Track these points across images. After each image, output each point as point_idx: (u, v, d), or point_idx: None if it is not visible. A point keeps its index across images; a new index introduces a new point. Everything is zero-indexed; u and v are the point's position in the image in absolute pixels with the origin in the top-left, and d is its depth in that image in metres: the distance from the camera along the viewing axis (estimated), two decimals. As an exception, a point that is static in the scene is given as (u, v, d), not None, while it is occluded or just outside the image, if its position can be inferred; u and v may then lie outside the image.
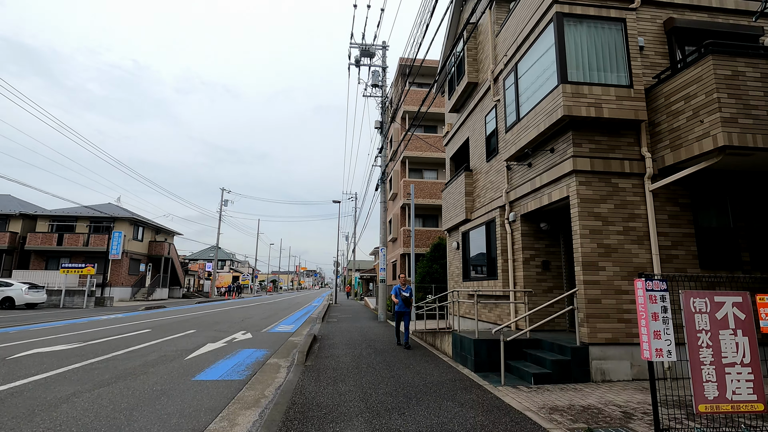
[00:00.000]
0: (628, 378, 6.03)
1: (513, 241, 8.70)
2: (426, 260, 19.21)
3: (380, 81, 18.27)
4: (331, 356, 8.15)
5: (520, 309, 8.31)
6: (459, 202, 11.94)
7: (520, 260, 8.37)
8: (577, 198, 6.44)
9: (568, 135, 6.72)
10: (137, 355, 8.07)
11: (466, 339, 7.20)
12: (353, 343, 10.09)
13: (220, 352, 8.53)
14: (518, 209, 8.54)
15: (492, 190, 10.00)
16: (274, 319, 17.21)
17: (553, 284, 8.25)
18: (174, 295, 39.19)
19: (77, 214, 32.44)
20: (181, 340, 10.26)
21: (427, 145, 23.46)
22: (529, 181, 7.96)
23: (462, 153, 13.26)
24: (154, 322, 14.62)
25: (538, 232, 8.43)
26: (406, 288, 9.45)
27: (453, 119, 13.94)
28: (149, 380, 6.02)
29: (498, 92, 9.77)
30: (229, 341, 10.16)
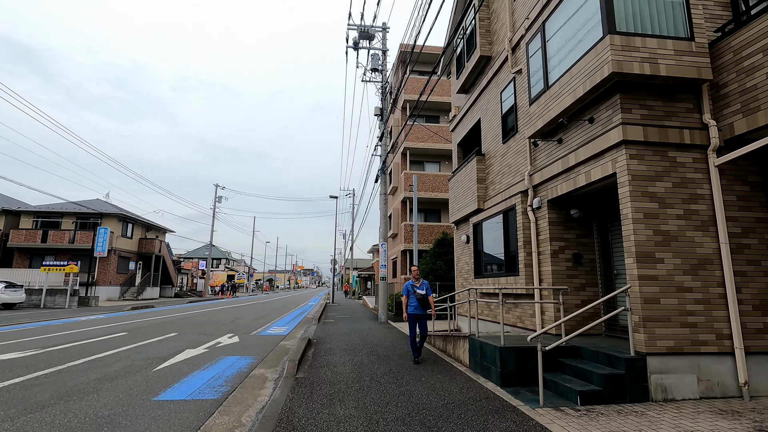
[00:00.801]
0: (694, 396, 4.87)
1: (538, 231, 7.52)
2: (429, 257, 18.05)
3: (380, 65, 17.06)
4: (327, 365, 6.97)
5: (547, 309, 7.14)
6: (470, 191, 10.76)
7: (546, 253, 7.20)
8: (628, 174, 5.27)
9: (614, 99, 5.54)
10: (98, 365, 6.85)
11: (488, 346, 6.02)
12: (353, 348, 8.90)
13: (197, 361, 7.32)
14: (544, 194, 7.37)
15: (510, 175, 8.82)
16: (266, 320, 16.01)
17: (586, 280, 7.08)
18: (165, 294, 37.89)
19: (63, 210, 31.12)
20: (157, 345, 9.04)
21: (428, 135, 22.27)
22: (559, 160, 6.79)
23: (472, 137, 12.08)
24: (135, 324, 13.38)
25: (567, 220, 7.26)
26: (420, 284, 7.44)
27: (461, 101, 12.75)
28: (98, 401, 4.81)
29: (518, 62, 8.58)
30: (211, 347, 8.95)
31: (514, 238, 8.14)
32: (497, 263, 9.05)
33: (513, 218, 8.22)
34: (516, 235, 8.00)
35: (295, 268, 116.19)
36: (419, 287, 7.40)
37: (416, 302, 7.33)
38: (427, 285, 7.50)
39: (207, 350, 8.49)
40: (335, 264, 43.67)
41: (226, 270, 66.36)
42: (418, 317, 7.40)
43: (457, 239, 12.40)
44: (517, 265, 7.91)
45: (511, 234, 8.34)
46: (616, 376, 4.79)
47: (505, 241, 8.52)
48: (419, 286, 7.41)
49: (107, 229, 27.11)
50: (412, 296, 7.38)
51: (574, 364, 5.40)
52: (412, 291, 7.39)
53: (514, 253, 8.07)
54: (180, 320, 15.05)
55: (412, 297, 7.39)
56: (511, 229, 8.34)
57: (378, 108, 17.06)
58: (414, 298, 7.35)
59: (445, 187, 21.61)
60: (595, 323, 5.15)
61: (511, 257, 8.23)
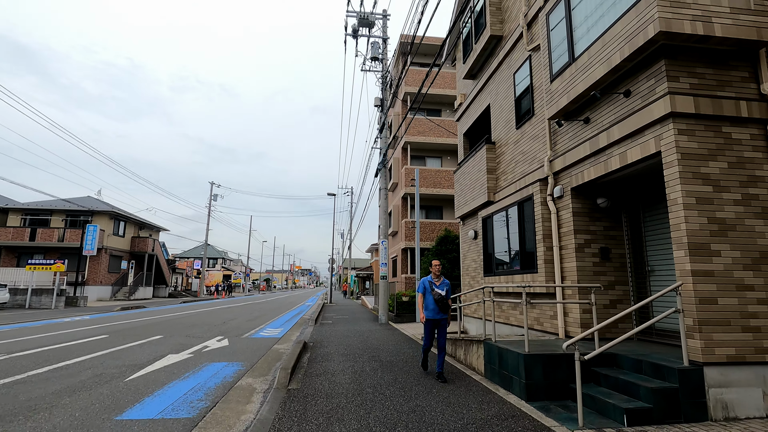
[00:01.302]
0: (760, 413, 4.10)
1: (560, 223, 6.75)
2: (431, 255, 17.26)
3: (380, 53, 16.26)
4: (324, 373, 6.17)
5: (570, 310, 6.36)
6: (478, 182, 9.98)
7: (570, 247, 6.42)
8: (677, 153, 4.49)
9: (658, 66, 4.77)
10: (63, 374, 6.03)
11: (509, 353, 5.24)
12: (352, 352, 8.11)
13: (178, 369, 6.51)
14: (567, 181, 6.59)
15: (525, 162, 8.05)
16: (260, 321, 15.19)
17: (615, 278, 6.31)
18: (159, 294, 36.96)
19: (52, 207, 30.16)
20: (138, 350, 8.22)
21: (430, 129, 21.49)
22: (586, 142, 6.01)
23: (479, 126, 11.30)
24: (119, 326, 12.55)
25: (593, 210, 6.49)
26: (440, 283, 6.04)
27: (467, 88, 11.97)
28: (48, 422, 4.00)
29: (534, 39, 7.80)
30: (197, 351, 8.14)
31: (531, 231, 7.37)
32: (510, 260, 8.27)
33: (530, 209, 7.44)
34: (533, 228, 7.23)
35: (293, 268, 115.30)
36: (439, 286, 6.01)
37: (434, 303, 5.94)
38: (448, 285, 6.09)
39: (191, 355, 7.68)
40: (333, 263, 42.86)
41: (223, 270, 65.40)
42: (437, 323, 6.01)
43: (464, 235, 11.62)
44: (534, 261, 7.14)
45: (527, 227, 7.56)
46: (668, 391, 4.01)
47: (520, 235, 7.74)
48: (439, 285, 6.02)
49: (97, 226, 26.21)
50: (429, 295, 6.00)
51: (613, 374, 4.62)
52: (430, 289, 6.01)
53: (531, 248, 7.29)
54: (169, 321, 14.21)
55: (429, 297, 6.00)
56: (527, 222, 7.56)
57: (378, 99, 16.27)
58: (431, 298, 5.97)
59: (448, 182, 20.85)
60: (643, 326, 4.34)
61: (528, 253, 7.45)
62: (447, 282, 6.13)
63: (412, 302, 15.48)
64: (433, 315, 5.98)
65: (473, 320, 10.33)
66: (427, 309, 6.00)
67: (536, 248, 7.10)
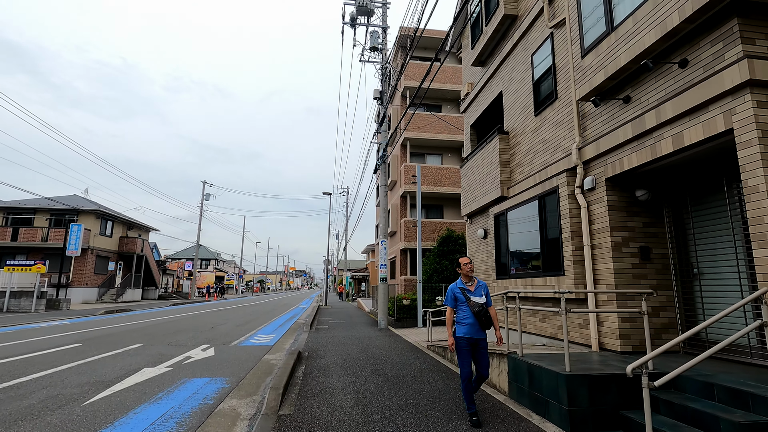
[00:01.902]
0: None
1: (591, 219, 5.92)
2: (433, 256, 16.44)
3: (380, 43, 15.42)
4: (321, 392, 5.29)
5: (606, 319, 5.53)
6: (490, 176, 9.15)
7: (605, 246, 5.59)
8: (757, 130, 3.67)
9: (728, 27, 3.96)
10: (11, 395, 5.08)
11: (544, 372, 4.38)
12: (352, 364, 7.23)
13: (152, 387, 5.59)
14: (601, 170, 5.77)
15: (546, 152, 7.23)
16: (252, 325, 14.25)
17: (657, 282, 5.49)
18: (149, 296, 35.80)
19: (36, 206, 28.98)
20: (110, 362, 7.28)
21: (430, 125, 20.66)
22: (627, 124, 5.18)
23: (488, 116, 10.48)
24: (97, 332, 11.56)
25: (631, 204, 5.67)
26: (476, 287, 4.37)
27: (475, 77, 11.16)
28: (-35, 470, 3.09)
29: (558, 13, 6.98)
30: (177, 363, 7.21)
31: (555, 229, 6.53)
32: (529, 261, 7.44)
33: (553, 204, 6.61)
34: (559, 225, 6.39)
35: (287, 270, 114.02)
36: (475, 291, 4.31)
37: (472, 317, 4.21)
38: (486, 288, 4.42)
39: (170, 369, 6.76)
40: (328, 264, 41.92)
41: (216, 271, 64.15)
42: (475, 344, 4.25)
43: (471, 234, 10.79)
44: (560, 262, 6.30)
45: (550, 224, 6.73)
46: (762, 427, 3.18)
47: (541, 234, 6.91)
48: (475, 290, 4.32)
49: (81, 225, 25.08)
50: (464, 306, 4.27)
51: (677, 400, 3.77)
52: (464, 298, 4.27)
53: (556, 247, 6.46)
54: (153, 327, 13.23)
55: (463, 308, 4.28)
56: (550, 218, 6.73)
57: (377, 91, 15.42)
58: (467, 309, 4.24)
59: (449, 181, 20.03)
60: (725, 343, 3.49)
61: (551, 253, 6.62)
62: (484, 284, 4.43)
63: (413, 306, 14.61)
64: (471, 332, 4.21)
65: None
66: (462, 325, 4.27)
67: (562, 248, 6.27)
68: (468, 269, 4.40)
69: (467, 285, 4.40)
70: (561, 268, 6.27)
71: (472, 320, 4.24)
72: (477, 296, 4.32)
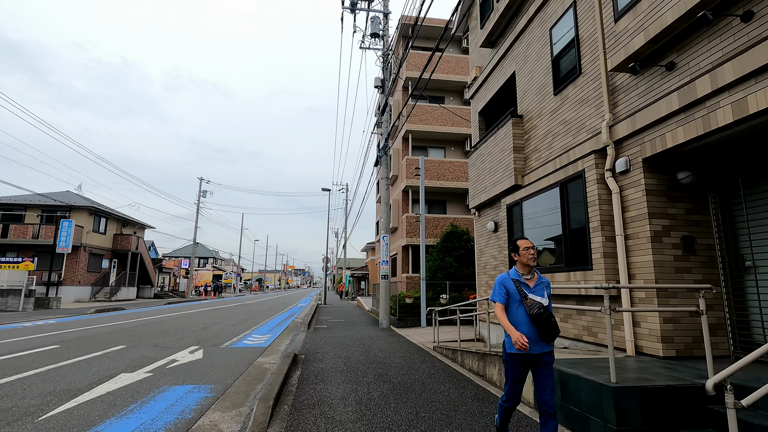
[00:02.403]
0: None
1: (624, 206, 5.23)
2: (437, 252, 15.76)
3: (381, 29, 14.69)
4: (319, 403, 4.60)
5: (644, 319, 4.84)
6: (501, 164, 8.46)
7: (642, 236, 4.90)
8: None
9: (812, -36, 3.26)
10: (-42, 408, 4.40)
11: (583, 382, 3.69)
12: (353, 368, 6.54)
13: (125, 396, 4.89)
14: (636, 150, 5.07)
15: (568, 134, 6.53)
16: (247, 325, 13.55)
17: (703, 276, 4.80)
18: (144, 294, 35.08)
19: (27, 202, 28.21)
20: (85, 366, 6.58)
21: (433, 117, 19.95)
22: (673, 93, 4.48)
23: (499, 100, 9.78)
24: (81, 333, 10.85)
25: (672, 188, 4.98)
26: (536, 282, 3.19)
27: (484, 59, 10.46)
28: None
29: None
30: (159, 368, 6.52)
31: (580, 218, 5.84)
32: (549, 255, 6.74)
33: (578, 190, 5.91)
34: (585, 213, 5.70)
35: (286, 268, 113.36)
36: (535, 288, 3.16)
37: (528, 323, 3.05)
38: (548, 284, 3.26)
39: (150, 374, 6.06)
40: (327, 263, 41.23)
41: (213, 269, 63.40)
42: (535, 361, 3.09)
43: (480, 228, 10.10)
44: (588, 255, 5.61)
45: (574, 213, 6.04)
46: None
47: (564, 224, 6.21)
48: (535, 286, 3.17)
49: (72, 222, 24.33)
50: (517, 306, 3.10)
51: (751, 419, 3.09)
52: (519, 295, 3.11)
53: (582, 238, 5.77)
54: (142, 326, 12.53)
55: (516, 308, 3.11)
56: (574, 207, 6.04)
57: (378, 79, 14.71)
58: (522, 311, 3.08)
59: (452, 175, 19.33)
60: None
61: (575, 245, 5.92)
62: (546, 281, 3.27)
63: (416, 304, 13.92)
64: (530, 347, 3.01)
65: (492, 325, 8.80)
66: (516, 328, 3.05)
67: (590, 239, 5.58)
68: (530, 256, 3.15)
69: (525, 278, 3.18)
70: (588, 261, 5.57)
71: (528, 327, 3.03)
72: (537, 294, 3.11)
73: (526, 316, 3.05)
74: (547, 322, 3.00)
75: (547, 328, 3.00)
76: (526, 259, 3.16)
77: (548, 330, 3.01)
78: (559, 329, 3.13)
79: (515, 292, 3.13)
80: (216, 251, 74.98)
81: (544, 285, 3.21)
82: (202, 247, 64.58)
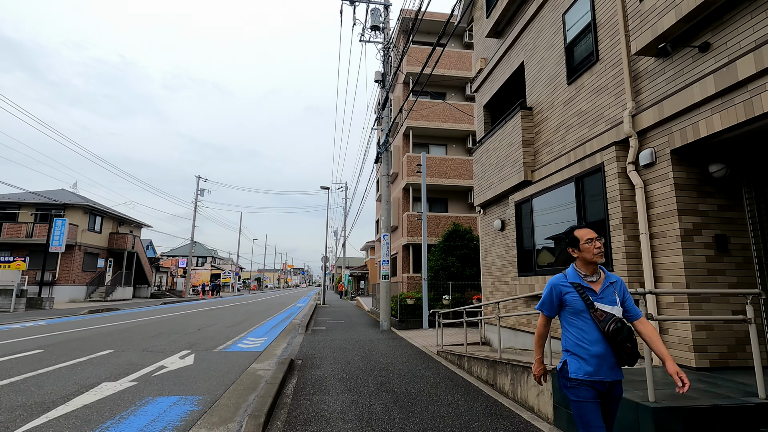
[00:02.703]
0: None
1: (649, 202, 4.80)
2: (438, 251, 15.33)
3: (381, 21, 14.24)
4: (315, 418, 4.17)
5: (672, 327, 4.41)
6: (509, 159, 8.03)
7: (671, 234, 4.47)
8: None
9: None
10: None
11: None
12: (354, 376, 6.11)
13: (101, 411, 4.45)
14: (663, 141, 4.64)
15: (584, 125, 6.10)
16: (243, 326, 13.12)
17: (737, 278, 4.37)
18: (141, 294, 34.63)
19: (21, 200, 27.72)
20: (66, 374, 6.14)
21: (434, 113, 19.51)
22: (707, 77, 4.05)
23: (505, 93, 9.34)
24: (69, 336, 10.41)
25: (703, 182, 4.54)
26: (604, 285, 2.32)
27: (489, 51, 10.02)
28: None
29: (600, -43, 5.84)
30: (145, 376, 6.08)
31: (598, 214, 5.41)
32: (562, 254, 6.32)
33: (596, 185, 5.48)
34: (605, 210, 5.27)
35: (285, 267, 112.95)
36: (603, 293, 2.30)
37: (601, 342, 2.23)
38: (622, 285, 2.38)
39: (134, 384, 5.62)
40: (326, 262, 40.80)
41: (211, 269, 62.92)
42: (610, 393, 2.29)
43: (485, 226, 9.68)
44: (608, 255, 5.18)
45: (590, 210, 5.61)
46: None
47: (579, 222, 5.78)
48: (602, 291, 2.30)
49: (65, 220, 23.87)
50: (583, 318, 2.28)
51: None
52: (583, 304, 2.27)
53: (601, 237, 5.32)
54: (134, 328, 12.08)
55: (582, 322, 2.29)
56: (591, 203, 5.61)
57: (379, 73, 14.26)
58: (591, 325, 2.26)
59: (454, 172, 18.90)
60: None
61: (593, 244, 5.49)
62: (617, 278, 2.40)
63: (418, 305, 13.48)
64: (601, 371, 2.24)
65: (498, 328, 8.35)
66: (579, 356, 2.28)
67: (610, 238, 5.15)
68: (596, 251, 2.31)
69: (588, 280, 2.32)
70: (609, 261, 5.14)
71: (601, 348, 2.22)
72: (607, 302, 2.27)
73: (597, 332, 2.24)
74: (628, 341, 2.17)
75: (628, 349, 2.18)
76: (590, 254, 2.32)
77: (630, 351, 2.19)
78: (637, 351, 2.24)
79: (577, 300, 2.29)
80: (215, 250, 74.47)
81: (615, 286, 2.34)
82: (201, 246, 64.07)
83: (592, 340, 2.25)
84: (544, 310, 2.46)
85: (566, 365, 2.33)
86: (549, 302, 2.43)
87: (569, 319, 2.36)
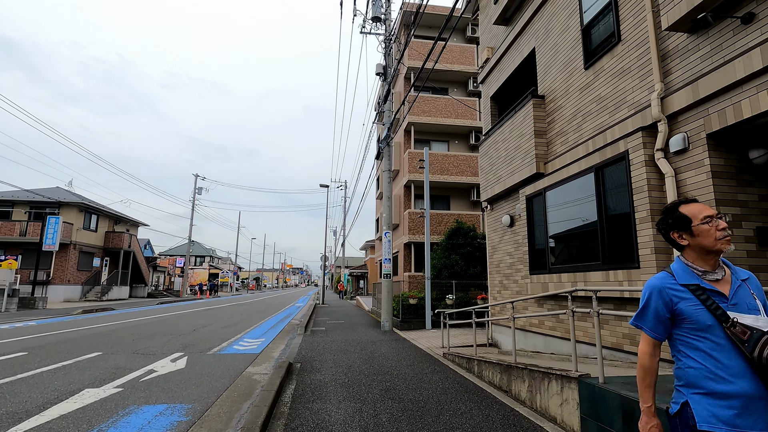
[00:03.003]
0: None
1: (680, 191, 4.38)
2: (441, 250, 14.92)
3: (383, 12, 13.81)
4: (316, 430, 3.76)
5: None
6: (520, 151, 7.62)
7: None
8: None
9: None
10: None
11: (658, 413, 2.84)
12: (356, 380, 5.70)
13: (78, 422, 4.03)
14: (697, 125, 4.22)
15: (603, 113, 5.69)
16: (240, 327, 12.69)
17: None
18: (137, 294, 34.15)
19: (14, 198, 27.24)
20: (47, 379, 5.71)
21: (436, 108, 19.10)
22: (752, 51, 3.63)
23: (514, 83, 8.93)
24: (57, 337, 9.97)
25: (742, 170, 4.13)
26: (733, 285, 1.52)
27: (497, 39, 9.61)
28: None
29: (622, -70, 5.42)
30: (131, 381, 5.65)
31: (622, 207, 5.00)
32: (579, 250, 5.91)
33: (619, 175, 5.07)
34: (630, 202, 4.85)
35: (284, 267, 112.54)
36: (734, 295, 1.51)
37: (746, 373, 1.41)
38: (756, 284, 1.58)
39: (119, 390, 5.19)
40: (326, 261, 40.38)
41: (210, 268, 62.43)
42: None
43: (492, 222, 9.26)
44: (633, 250, 4.76)
45: (612, 202, 5.20)
46: None
47: (600, 215, 5.37)
48: (733, 293, 1.51)
49: (59, 218, 23.40)
50: (722, 344, 1.45)
51: None
52: (710, 317, 1.47)
53: (624, 231, 4.92)
54: (126, 329, 11.65)
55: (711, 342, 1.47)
56: (612, 195, 5.20)
57: (380, 66, 13.83)
58: (730, 349, 1.44)
59: (456, 169, 18.49)
60: None
61: (616, 239, 5.08)
62: (749, 275, 1.60)
63: (421, 305, 13.07)
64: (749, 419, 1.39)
65: (507, 330, 7.96)
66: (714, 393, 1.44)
67: (636, 232, 4.73)
68: (720, 234, 1.52)
69: (709, 278, 1.55)
70: (634, 258, 4.73)
71: (749, 384, 1.41)
72: (746, 311, 1.48)
73: (739, 358, 1.43)
74: None
75: None
76: (711, 240, 1.53)
77: None
78: None
79: (699, 312, 1.50)
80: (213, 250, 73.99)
81: (749, 286, 1.56)
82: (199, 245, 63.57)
83: (734, 372, 1.42)
84: (646, 329, 1.62)
85: (688, 409, 1.50)
86: (653, 317, 1.59)
87: (689, 340, 1.53)
